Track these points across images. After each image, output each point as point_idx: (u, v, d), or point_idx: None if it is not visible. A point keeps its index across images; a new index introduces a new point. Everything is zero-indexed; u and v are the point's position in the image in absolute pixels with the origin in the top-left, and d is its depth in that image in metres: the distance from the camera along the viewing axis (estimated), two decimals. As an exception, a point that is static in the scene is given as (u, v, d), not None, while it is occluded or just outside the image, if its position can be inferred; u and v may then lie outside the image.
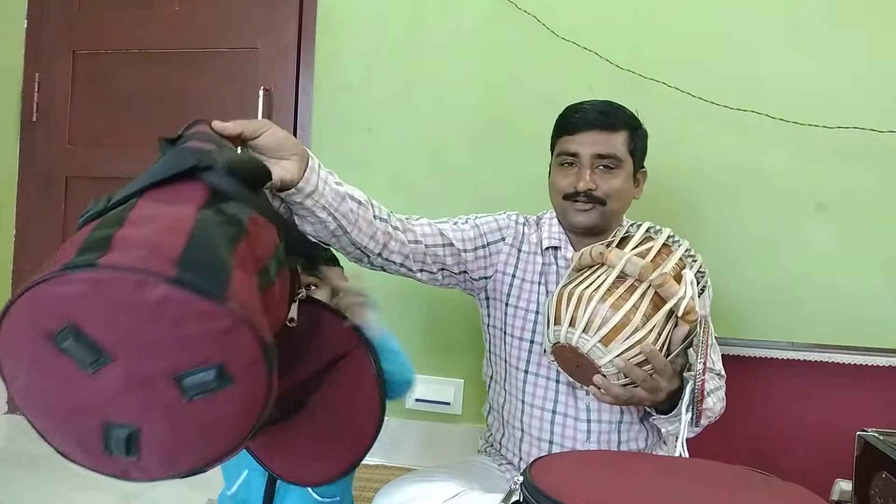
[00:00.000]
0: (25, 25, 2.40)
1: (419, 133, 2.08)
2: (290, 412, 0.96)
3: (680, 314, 1.07)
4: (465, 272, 1.34)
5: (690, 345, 1.07)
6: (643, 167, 1.39)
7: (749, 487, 0.81)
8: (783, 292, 1.86)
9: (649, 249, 1.12)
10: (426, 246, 1.26)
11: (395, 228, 1.20)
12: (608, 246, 1.16)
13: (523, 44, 1.98)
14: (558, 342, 1.09)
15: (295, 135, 2.18)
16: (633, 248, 1.13)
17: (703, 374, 1.01)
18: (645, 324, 1.05)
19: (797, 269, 1.85)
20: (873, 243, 1.81)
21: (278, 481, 1.15)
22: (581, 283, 1.11)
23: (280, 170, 0.96)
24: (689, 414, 1.04)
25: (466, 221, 1.36)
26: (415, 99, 2.07)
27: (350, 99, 2.12)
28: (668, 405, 1.13)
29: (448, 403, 2.02)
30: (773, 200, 1.86)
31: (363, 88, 2.11)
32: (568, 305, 1.08)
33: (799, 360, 1.78)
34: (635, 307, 1.05)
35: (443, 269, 1.30)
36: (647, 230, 1.18)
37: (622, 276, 1.08)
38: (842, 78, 1.83)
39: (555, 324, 1.10)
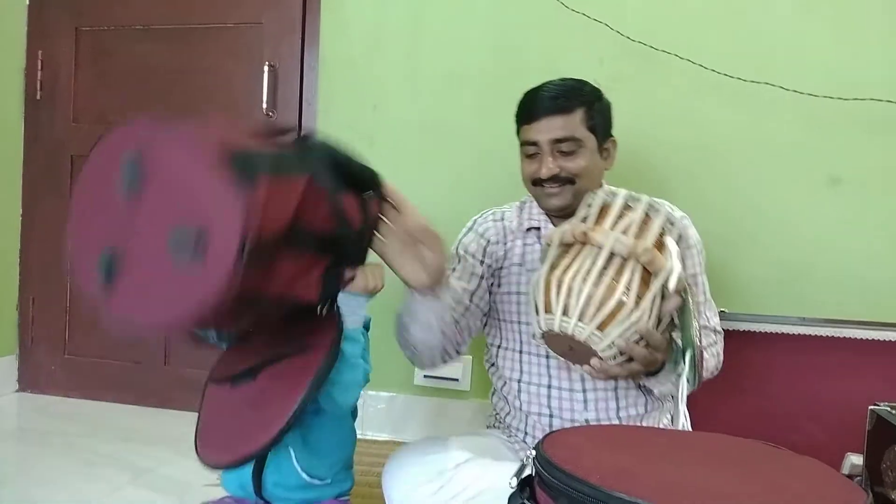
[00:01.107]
0: (27, 2, 2.38)
1: (425, 108, 2.05)
2: (241, 378, 1.00)
3: (671, 287, 1.04)
4: (489, 290, 1.41)
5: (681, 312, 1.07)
6: (611, 136, 1.38)
7: (762, 461, 0.80)
8: (795, 268, 1.84)
9: (631, 223, 1.09)
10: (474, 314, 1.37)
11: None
12: (587, 220, 1.13)
13: (532, 15, 1.95)
14: (551, 330, 1.06)
15: (300, 111, 2.16)
16: (614, 222, 1.09)
17: (701, 342, 1.00)
18: (638, 304, 1.03)
19: (809, 244, 1.83)
20: (886, 218, 1.79)
21: (268, 459, 1.16)
22: (569, 267, 1.07)
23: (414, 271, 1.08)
24: (689, 383, 1.06)
25: (459, 261, 1.39)
26: (421, 73, 2.04)
27: (355, 74, 2.09)
28: (658, 367, 1.14)
29: (456, 380, 2.02)
30: (785, 174, 1.84)
31: (368, 63, 2.08)
32: (559, 293, 1.04)
33: (810, 335, 1.76)
34: (627, 288, 1.03)
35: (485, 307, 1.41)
36: (626, 198, 1.14)
37: (609, 256, 1.05)
38: (858, 48, 1.79)
39: (545, 312, 1.06)
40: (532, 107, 1.31)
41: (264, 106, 2.15)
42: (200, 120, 0.82)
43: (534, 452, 0.79)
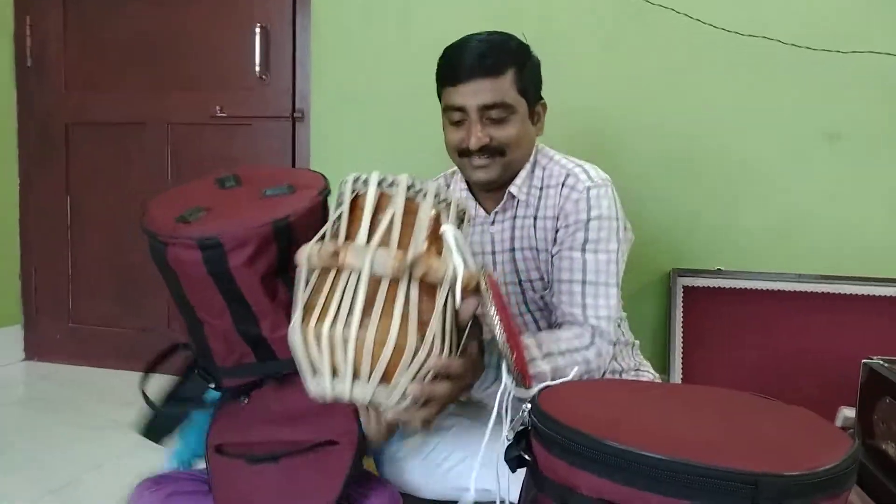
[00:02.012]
0: (12, -33, 2.34)
1: (418, 72, 2.02)
2: (261, 461, 1.05)
3: (458, 293, 0.83)
4: None
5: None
6: (541, 99, 1.25)
7: (752, 411, 0.81)
8: (791, 224, 1.84)
9: (392, 220, 0.86)
10: None
11: None
12: (336, 236, 0.88)
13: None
14: (324, 398, 0.85)
15: (294, 73, 2.14)
16: (368, 228, 0.86)
17: (509, 341, 0.84)
18: (424, 334, 0.81)
19: (806, 200, 1.83)
20: (883, 174, 1.78)
21: None
22: (325, 310, 0.83)
23: None
24: (512, 383, 0.88)
25: None
26: (414, 34, 2.02)
27: (348, 37, 2.06)
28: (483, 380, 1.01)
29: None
30: (783, 130, 1.83)
31: (361, 25, 2.05)
32: (320, 349, 0.82)
33: (806, 291, 1.78)
34: (404, 317, 0.81)
35: None
36: (379, 186, 0.89)
37: (373, 278, 0.82)
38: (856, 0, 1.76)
39: (312, 375, 0.86)
40: (457, 67, 1.16)
41: (257, 69, 2.13)
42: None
43: (530, 405, 0.80)
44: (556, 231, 1.20)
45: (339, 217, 0.90)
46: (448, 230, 0.85)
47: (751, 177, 1.85)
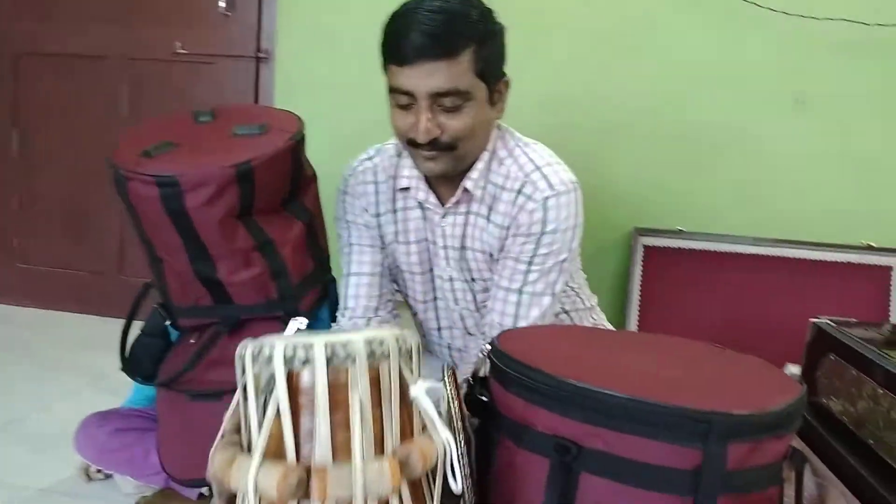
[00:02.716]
0: None
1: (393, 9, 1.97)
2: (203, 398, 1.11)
3: (458, 471, 0.65)
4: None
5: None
6: (503, 76, 1.09)
7: (706, 356, 0.83)
8: (752, 188, 1.87)
9: (361, 409, 0.61)
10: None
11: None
12: (277, 448, 0.62)
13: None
14: None
15: (259, 9, 2.06)
16: (329, 427, 0.61)
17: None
18: None
19: (769, 164, 1.86)
20: (849, 140, 1.81)
21: None
22: None
23: None
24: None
25: (349, 229, 1.23)
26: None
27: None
28: None
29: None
30: (750, 93, 1.83)
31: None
32: None
33: (763, 255, 1.82)
34: None
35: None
36: (330, 362, 0.62)
37: None
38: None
39: None
40: (404, 45, 0.99)
41: (221, 4, 2.03)
42: None
43: (489, 347, 0.80)
44: (505, 240, 1.12)
45: (269, 410, 0.61)
46: (420, 392, 0.64)
47: (717, 139, 1.86)
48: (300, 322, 0.71)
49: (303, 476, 0.59)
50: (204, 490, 1.17)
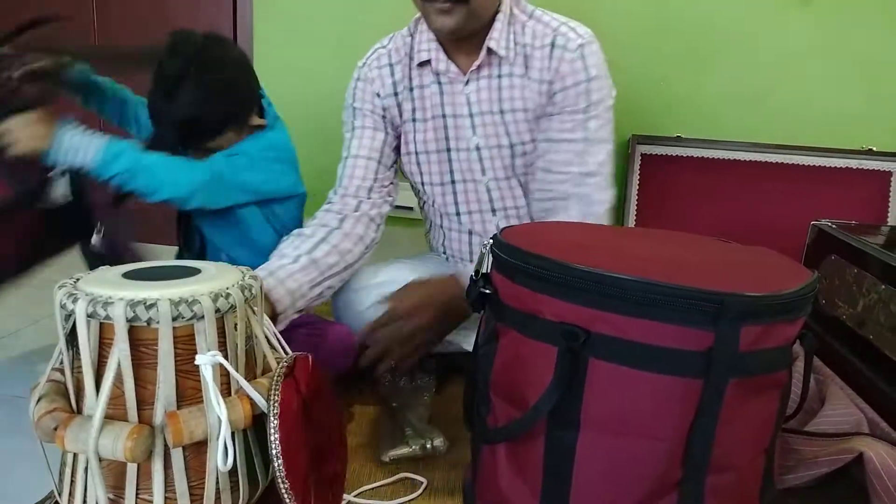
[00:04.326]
0: None
1: None
2: None
3: (228, 446, 0.62)
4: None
5: None
6: None
7: (718, 247, 0.81)
8: (753, 92, 1.82)
9: (119, 371, 0.60)
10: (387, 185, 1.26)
11: (372, 237, 1.22)
12: (64, 389, 0.65)
13: None
14: None
15: None
16: (94, 381, 0.62)
17: (287, 478, 0.65)
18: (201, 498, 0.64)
19: (771, 67, 1.80)
20: (852, 40, 1.75)
21: None
22: (72, 492, 0.64)
23: None
24: None
25: (356, 116, 1.24)
26: None
27: None
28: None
29: (411, 208, 2.01)
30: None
31: None
32: None
33: (761, 161, 1.79)
34: (173, 497, 0.63)
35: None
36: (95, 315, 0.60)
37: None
38: None
39: None
40: None
41: None
42: None
43: (492, 241, 0.77)
44: (553, 94, 1.14)
45: (109, 370, 0.60)
46: (206, 362, 0.61)
47: (719, 42, 1.79)
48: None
49: (54, 424, 0.61)
50: None
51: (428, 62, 1.18)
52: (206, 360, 0.61)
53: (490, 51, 1.14)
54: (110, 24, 2.08)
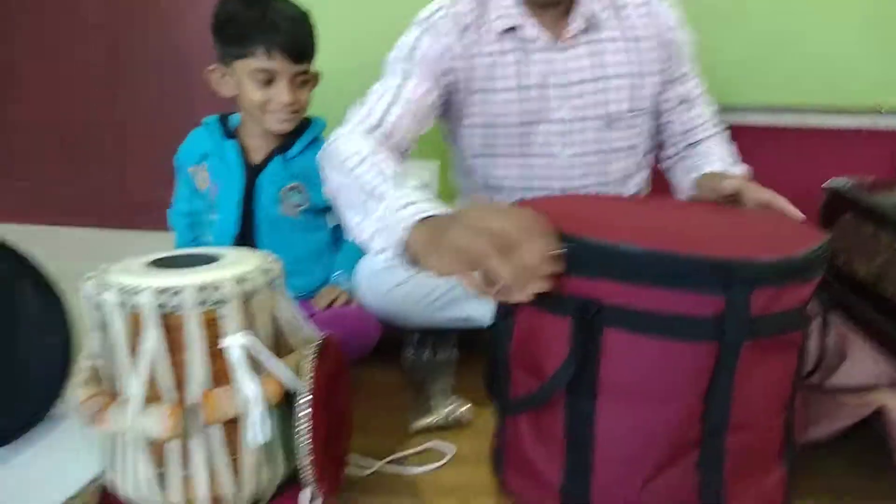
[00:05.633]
0: None
1: None
2: None
3: (258, 422, 0.67)
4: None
5: None
6: None
7: (726, 213, 0.82)
8: (765, 52, 1.79)
9: (154, 356, 0.64)
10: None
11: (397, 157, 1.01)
12: (98, 377, 0.71)
13: None
14: None
15: None
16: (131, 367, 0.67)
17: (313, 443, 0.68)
18: (239, 471, 0.69)
19: (782, 27, 1.77)
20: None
21: None
22: (124, 469, 0.70)
23: None
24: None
25: (410, 77, 1.07)
26: None
27: None
28: None
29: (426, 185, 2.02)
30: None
31: None
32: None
33: (771, 126, 1.77)
34: (214, 472, 0.68)
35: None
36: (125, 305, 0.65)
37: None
38: None
39: None
40: None
41: None
42: None
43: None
44: (667, 55, 1.16)
45: (144, 355, 0.64)
46: (233, 343, 0.65)
47: (730, 3, 1.77)
48: None
49: (98, 406, 0.65)
50: None
51: (512, 28, 1.09)
52: (233, 342, 0.64)
53: (587, 15, 1.09)
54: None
